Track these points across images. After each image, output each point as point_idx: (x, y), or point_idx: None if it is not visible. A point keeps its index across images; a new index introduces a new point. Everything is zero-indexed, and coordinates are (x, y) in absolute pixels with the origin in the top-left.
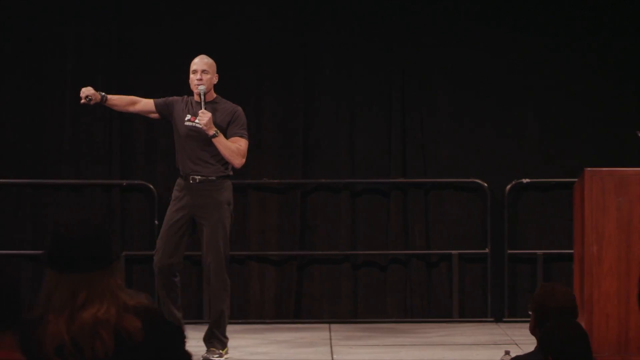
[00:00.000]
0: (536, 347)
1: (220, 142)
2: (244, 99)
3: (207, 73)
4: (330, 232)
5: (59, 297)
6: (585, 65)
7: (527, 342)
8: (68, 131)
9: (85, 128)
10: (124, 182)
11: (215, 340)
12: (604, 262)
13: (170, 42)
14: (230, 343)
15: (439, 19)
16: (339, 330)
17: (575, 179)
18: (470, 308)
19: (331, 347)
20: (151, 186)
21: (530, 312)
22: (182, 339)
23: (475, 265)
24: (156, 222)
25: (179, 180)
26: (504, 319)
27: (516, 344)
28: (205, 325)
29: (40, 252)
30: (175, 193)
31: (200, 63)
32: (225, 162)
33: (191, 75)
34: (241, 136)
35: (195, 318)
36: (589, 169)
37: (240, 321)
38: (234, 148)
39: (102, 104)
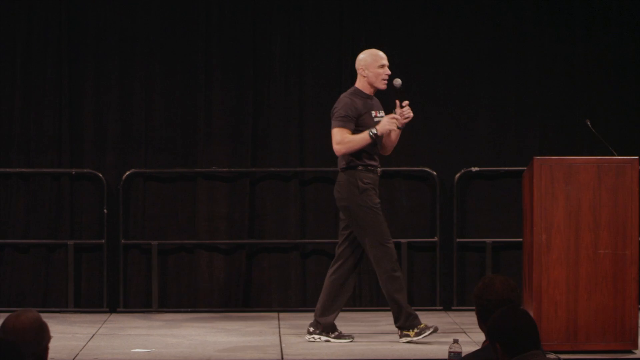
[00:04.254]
0: (483, 344)
1: (398, 135)
2: (193, 87)
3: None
4: (279, 221)
5: None
6: (534, 55)
7: (476, 331)
8: (18, 119)
9: (35, 116)
10: (73, 171)
11: None
12: (552, 251)
13: (118, 26)
14: (178, 332)
15: (391, 7)
16: (288, 319)
17: (524, 168)
18: (419, 296)
19: (280, 335)
20: (100, 175)
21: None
22: None
23: (424, 254)
24: (105, 210)
25: (370, 175)
26: (453, 307)
27: (465, 332)
28: (162, 313)
29: None
30: (370, 186)
31: (386, 58)
32: None
33: (379, 70)
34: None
35: (145, 307)
36: (538, 157)
37: (189, 310)
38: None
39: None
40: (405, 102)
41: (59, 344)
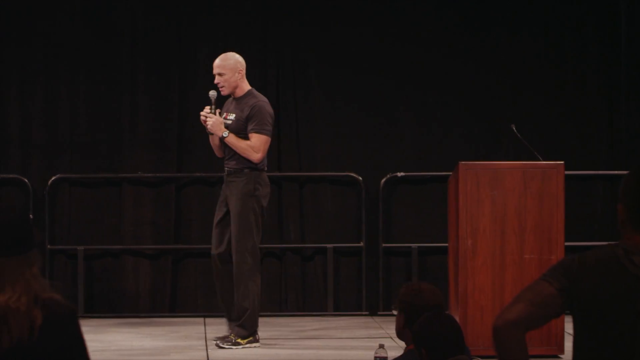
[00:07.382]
0: (405, 350)
1: (230, 142)
2: (118, 91)
3: (222, 75)
4: (205, 226)
5: None
6: (459, 59)
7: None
8: None
9: None
10: None
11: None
12: (478, 256)
13: (43, 30)
14: (104, 337)
15: (314, 13)
16: (214, 324)
17: (450, 173)
18: (345, 301)
19: (206, 341)
20: (26, 180)
21: (395, 312)
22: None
23: (350, 259)
24: (31, 216)
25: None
26: (379, 312)
27: (391, 337)
28: None
29: None
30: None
31: (215, 66)
32: None
33: None
34: (256, 132)
35: None
36: (463, 162)
37: (115, 315)
38: (244, 145)
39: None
40: (208, 116)
41: None
